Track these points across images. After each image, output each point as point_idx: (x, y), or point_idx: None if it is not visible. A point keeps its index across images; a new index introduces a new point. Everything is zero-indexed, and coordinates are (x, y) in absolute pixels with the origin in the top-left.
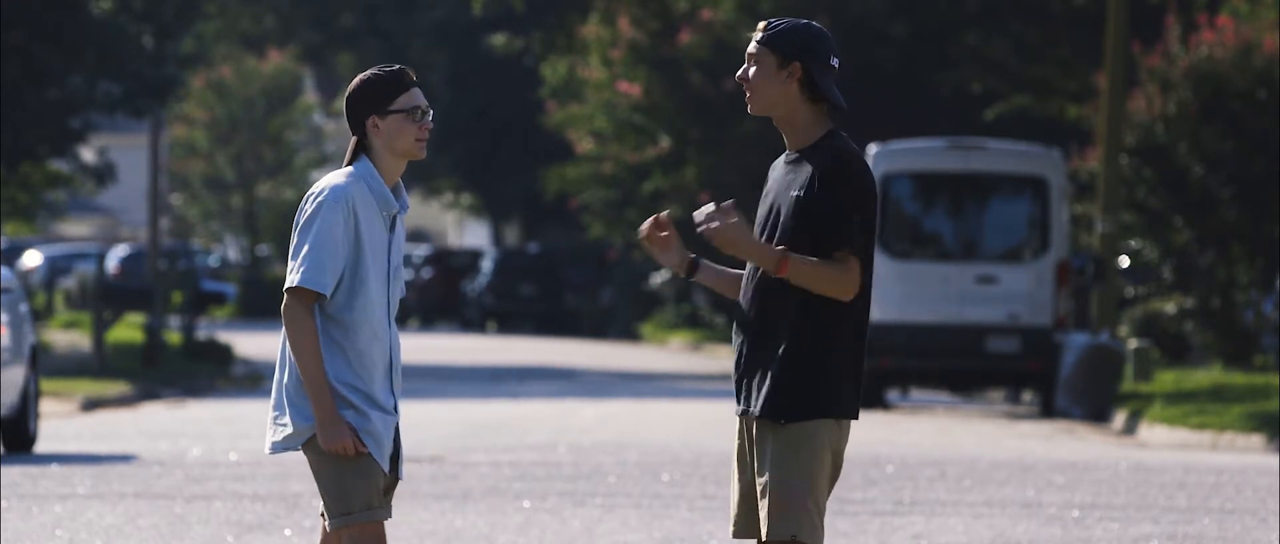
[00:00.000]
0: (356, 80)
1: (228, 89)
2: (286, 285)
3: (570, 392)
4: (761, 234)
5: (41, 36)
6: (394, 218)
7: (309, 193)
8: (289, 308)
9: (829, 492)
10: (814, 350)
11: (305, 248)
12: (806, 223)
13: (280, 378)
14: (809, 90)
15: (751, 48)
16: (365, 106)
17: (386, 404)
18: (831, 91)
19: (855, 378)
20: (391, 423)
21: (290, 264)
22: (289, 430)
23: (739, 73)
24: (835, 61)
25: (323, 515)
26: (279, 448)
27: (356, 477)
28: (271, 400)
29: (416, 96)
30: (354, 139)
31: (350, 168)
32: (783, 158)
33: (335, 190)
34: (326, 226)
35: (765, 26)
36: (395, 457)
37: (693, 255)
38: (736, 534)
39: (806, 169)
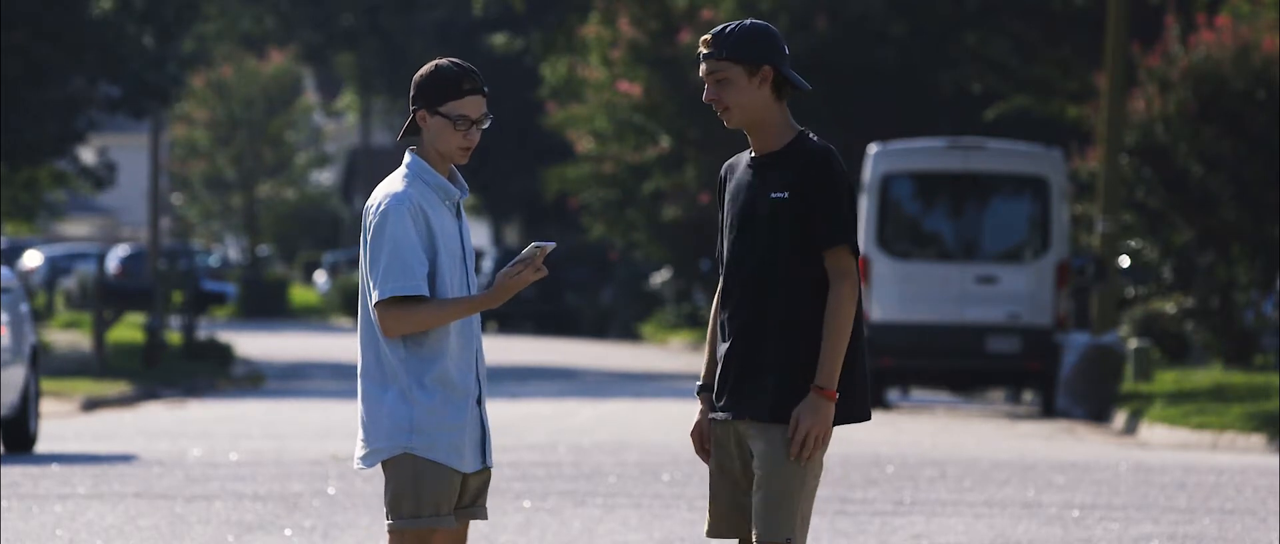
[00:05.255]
0: (426, 67)
1: (228, 89)
2: (374, 302)
3: (570, 392)
4: (733, 234)
5: (42, 36)
6: (458, 205)
7: (367, 207)
8: (387, 322)
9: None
10: (812, 352)
11: (384, 258)
12: (789, 223)
13: (363, 391)
14: (779, 89)
15: (709, 67)
16: (420, 97)
17: (473, 394)
18: (799, 82)
19: (859, 380)
20: (476, 414)
21: (371, 281)
22: (367, 449)
23: (707, 95)
24: (786, 48)
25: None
26: (365, 464)
27: (435, 481)
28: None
29: (468, 105)
30: (411, 117)
31: (401, 171)
32: (744, 159)
33: (396, 197)
34: (399, 231)
35: (716, 41)
36: (484, 446)
37: (704, 411)
38: (711, 534)
39: (785, 171)
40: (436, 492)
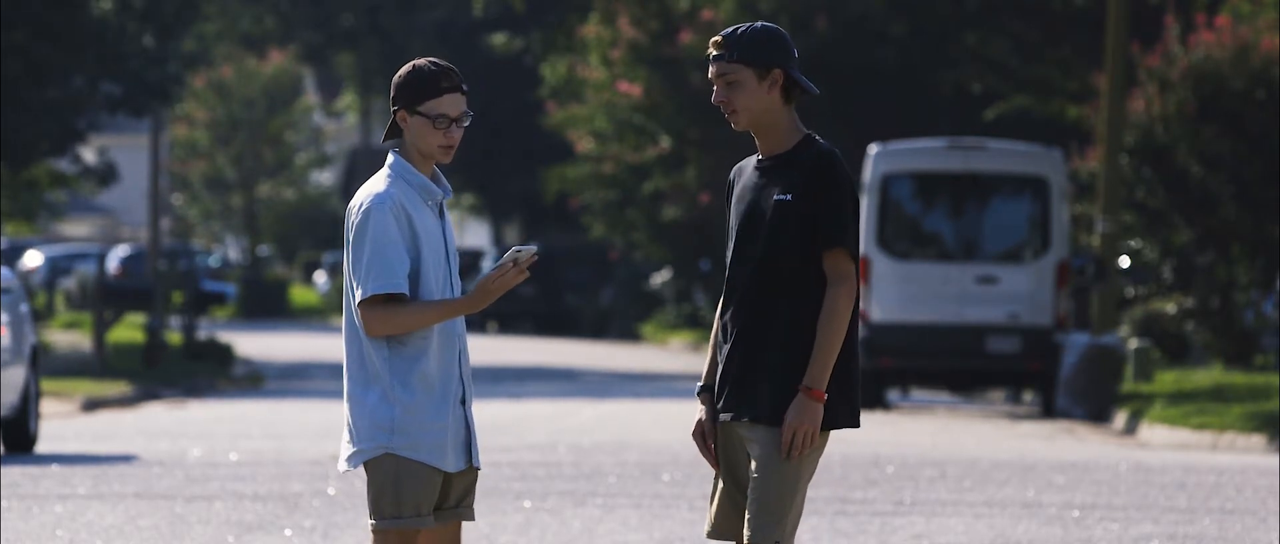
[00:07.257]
0: (404, 67)
1: (228, 89)
2: (358, 300)
3: (570, 392)
4: (738, 236)
5: (42, 36)
6: (441, 205)
7: (350, 208)
8: (370, 322)
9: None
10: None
11: (366, 257)
12: (793, 225)
13: (347, 391)
14: (788, 93)
15: (719, 69)
16: (399, 98)
17: (456, 394)
18: (808, 85)
19: (850, 385)
20: (459, 414)
21: (354, 280)
22: (352, 450)
23: (716, 97)
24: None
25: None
26: (350, 464)
27: (415, 482)
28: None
29: (447, 104)
30: (392, 118)
31: (384, 172)
32: (751, 162)
33: (377, 197)
34: (381, 230)
35: (726, 42)
36: (469, 447)
37: (708, 415)
38: (711, 535)
39: (790, 174)
40: (416, 492)
